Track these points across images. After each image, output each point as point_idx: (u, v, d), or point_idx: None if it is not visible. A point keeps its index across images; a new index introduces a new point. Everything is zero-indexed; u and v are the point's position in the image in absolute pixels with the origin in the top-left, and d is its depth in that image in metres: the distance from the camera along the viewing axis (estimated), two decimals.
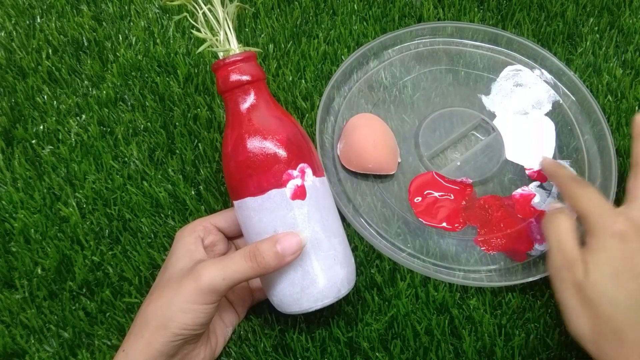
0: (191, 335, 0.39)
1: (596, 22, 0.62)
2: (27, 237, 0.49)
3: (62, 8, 0.63)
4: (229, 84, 0.42)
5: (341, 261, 0.42)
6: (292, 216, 0.40)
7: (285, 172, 0.41)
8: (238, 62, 0.42)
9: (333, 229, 0.42)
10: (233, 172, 0.42)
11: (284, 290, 0.41)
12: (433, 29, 0.60)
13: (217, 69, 0.42)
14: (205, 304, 0.39)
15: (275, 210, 0.40)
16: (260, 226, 0.41)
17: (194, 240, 0.43)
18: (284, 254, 0.39)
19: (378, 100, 0.57)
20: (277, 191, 0.40)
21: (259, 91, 0.42)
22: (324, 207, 0.42)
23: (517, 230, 0.50)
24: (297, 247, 0.39)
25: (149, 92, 0.57)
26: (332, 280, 0.41)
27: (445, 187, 0.52)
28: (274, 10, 0.63)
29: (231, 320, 0.45)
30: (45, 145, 0.54)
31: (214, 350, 0.44)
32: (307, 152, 0.42)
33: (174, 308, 0.39)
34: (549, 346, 0.45)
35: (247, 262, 0.39)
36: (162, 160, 0.54)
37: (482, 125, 0.57)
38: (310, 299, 0.41)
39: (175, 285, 0.40)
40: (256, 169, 0.41)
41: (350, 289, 0.42)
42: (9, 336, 0.45)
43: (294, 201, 0.41)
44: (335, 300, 0.41)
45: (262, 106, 0.42)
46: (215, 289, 0.38)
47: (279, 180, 0.41)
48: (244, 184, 0.41)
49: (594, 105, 0.55)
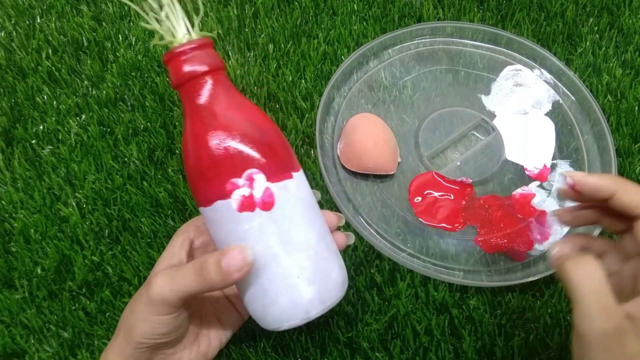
0: (157, 344, 0.38)
1: (596, 22, 0.62)
2: (27, 237, 0.49)
3: (62, 8, 0.63)
4: (178, 78, 0.37)
5: (309, 278, 0.36)
6: (242, 230, 0.35)
7: (229, 182, 0.35)
8: (183, 53, 0.36)
9: (297, 242, 0.36)
10: (187, 178, 0.38)
11: (249, 306, 0.37)
12: (433, 29, 0.60)
13: (166, 62, 0.37)
14: (160, 314, 0.36)
15: (223, 223, 0.36)
16: (216, 238, 0.37)
17: (181, 243, 0.41)
18: (228, 270, 0.34)
19: (378, 100, 0.57)
20: (222, 202, 0.35)
21: (210, 85, 0.37)
22: (286, 218, 0.36)
23: (517, 230, 0.50)
24: (242, 263, 0.34)
25: (149, 92, 0.57)
26: (295, 301, 0.36)
27: (445, 187, 0.52)
28: (273, 10, 0.63)
29: (231, 322, 0.44)
30: (45, 145, 0.54)
31: (205, 354, 0.42)
32: (263, 155, 0.36)
33: (135, 317, 0.37)
34: (548, 346, 0.45)
35: (194, 276, 0.35)
36: (162, 160, 0.54)
37: (482, 125, 0.57)
38: (275, 319, 0.36)
39: (139, 293, 0.38)
40: (201, 178, 0.36)
41: (328, 308, 0.37)
42: (9, 336, 0.45)
43: (242, 213, 0.35)
44: (307, 321, 0.36)
45: (211, 103, 0.37)
46: (165, 301, 0.36)
47: (223, 190, 0.35)
48: (195, 193, 0.37)
49: (593, 105, 0.55)
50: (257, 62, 0.59)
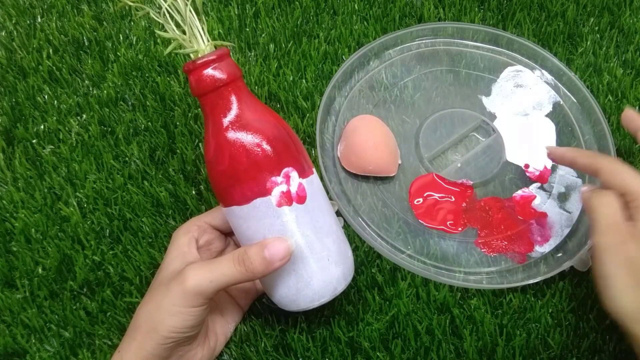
0: (182, 338, 0.39)
1: (597, 22, 0.62)
2: (28, 237, 0.49)
3: (62, 8, 0.62)
4: (203, 87, 0.39)
5: (336, 260, 0.41)
6: (280, 223, 0.39)
7: (269, 180, 0.39)
8: (210, 63, 0.39)
9: (325, 228, 0.41)
10: (216, 181, 0.40)
11: (281, 292, 0.41)
12: (434, 30, 0.60)
13: (188, 71, 0.39)
14: (193, 306, 0.38)
15: (262, 218, 0.39)
16: (249, 233, 0.40)
17: (188, 242, 0.43)
18: (272, 260, 0.38)
19: (379, 101, 0.57)
20: (261, 200, 0.39)
21: (235, 92, 0.39)
22: (314, 208, 0.40)
23: (517, 231, 0.50)
24: (285, 253, 0.38)
25: (150, 91, 0.57)
26: (326, 280, 0.40)
27: (446, 188, 0.52)
28: (274, 10, 0.63)
29: (233, 316, 0.45)
30: (46, 145, 0.54)
31: (214, 350, 0.43)
32: (292, 153, 0.40)
33: (162, 311, 0.38)
34: (549, 346, 0.45)
35: (236, 267, 0.38)
36: (163, 159, 0.54)
37: (482, 126, 0.57)
38: (307, 299, 0.40)
39: (164, 288, 0.39)
40: (238, 179, 0.39)
41: (348, 283, 0.42)
42: (10, 336, 0.45)
43: (281, 208, 0.39)
44: (334, 297, 0.41)
45: (240, 108, 0.39)
46: (202, 292, 0.38)
47: (263, 189, 0.39)
48: (228, 193, 0.40)
49: (594, 105, 0.55)
50: (258, 62, 0.59)
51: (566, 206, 0.52)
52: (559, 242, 0.50)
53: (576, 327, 0.46)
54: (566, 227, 0.51)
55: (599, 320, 0.46)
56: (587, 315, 0.46)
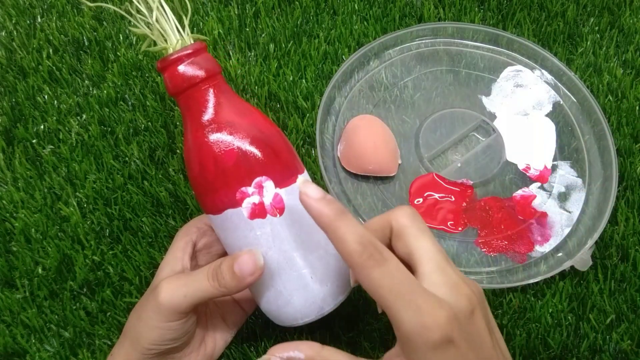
0: (166, 349, 0.38)
1: (597, 22, 0.62)
2: (28, 237, 0.49)
3: (62, 8, 0.62)
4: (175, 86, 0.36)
5: (321, 278, 0.37)
6: (253, 236, 0.36)
7: (239, 190, 0.36)
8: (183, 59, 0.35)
9: (308, 243, 0.37)
10: (191, 187, 0.38)
11: (264, 306, 0.39)
12: (434, 29, 0.60)
13: (161, 70, 0.36)
14: (169, 321, 0.37)
15: (235, 230, 0.36)
16: (227, 243, 0.38)
17: (184, 246, 0.41)
18: (242, 275, 0.35)
19: (379, 101, 0.57)
20: (232, 211, 0.36)
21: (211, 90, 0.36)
22: (295, 221, 0.37)
23: (517, 231, 0.50)
24: (253, 268, 0.35)
25: (150, 91, 0.57)
26: (309, 300, 0.37)
27: (446, 188, 0.52)
28: (274, 10, 0.63)
29: (235, 319, 0.44)
30: (46, 145, 0.54)
31: (210, 356, 0.42)
32: (268, 161, 0.36)
33: (142, 324, 0.37)
34: (549, 346, 0.45)
35: (209, 281, 0.36)
36: (163, 159, 0.54)
37: (482, 126, 0.57)
38: (289, 317, 0.38)
39: (144, 299, 0.38)
40: (208, 187, 0.36)
41: (339, 303, 0.38)
42: (10, 336, 0.45)
43: (254, 221, 0.36)
44: (320, 317, 0.38)
45: (214, 110, 0.36)
46: (175, 308, 0.36)
47: (233, 200, 0.36)
48: (202, 201, 0.37)
49: (594, 105, 0.55)
50: (258, 62, 0.59)
51: (566, 206, 0.52)
52: (559, 241, 0.50)
53: (576, 327, 0.46)
54: (566, 226, 0.51)
55: (599, 320, 0.46)
56: (587, 315, 0.46)
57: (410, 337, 0.30)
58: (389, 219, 0.34)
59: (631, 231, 0.50)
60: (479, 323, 0.31)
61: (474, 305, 0.31)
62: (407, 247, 0.33)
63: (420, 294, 0.30)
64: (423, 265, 0.32)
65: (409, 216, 0.33)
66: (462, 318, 0.30)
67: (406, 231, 0.33)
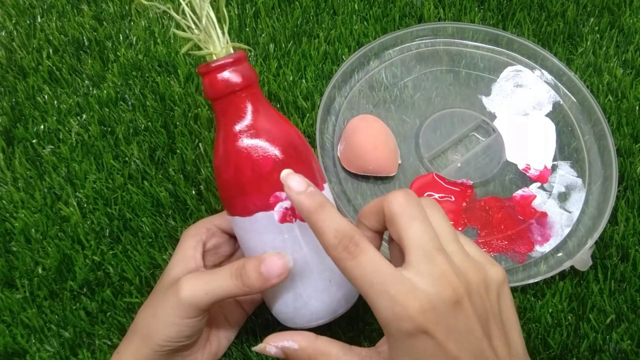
0: (178, 346, 0.38)
1: (597, 22, 0.62)
2: (28, 237, 0.49)
3: (62, 8, 0.62)
4: (215, 92, 0.37)
5: (338, 282, 0.39)
6: (281, 239, 0.38)
7: (273, 195, 0.37)
8: (225, 67, 0.37)
9: None
10: (221, 189, 0.39)
11: (278, 308, 0.40)
12: (434, 30, 0.60)
13: (202, 74, 0.38)
14: (188, 318, 0.37)
15: (263, 233, 0.38)
16: (250, 245, 0.39)
17: (194, 245, 0.42)
18: (268, 276, 0.36)
19: (379, 101, 0.57)
20: (264, 214, 0.37)
21: (249, 99, 0.38)
22: None
23: (517, 231, 0.50)
24: (282, 270, 0.36)
25: (150, 91, 0.57)
26: (326, 302, 0.39)
27: (446, 188, 0.52)
28: (274, 10, 0.63)
29: (237, 319, 0.45)
30: (46, 145, 0.54)
31: (215, 354, 0.43)
32: (300, 168, 0.38)
33: (157, 320, 0.38)
34: (549, 346, 0.45)
35: (232, 280, 0.37)
36: (163, 159, 0.54)
37: (482, 126, 0.57)
38: (304, 319, 0.39)
39: (161, 295, 0.39)
40: (242, 190, 0.37)
41: (350, 306, 0.40)
42: (10, 336, 0.45)
43: (283, 224, 0.37)
44: (333, 319, 0.39)
45: (252, 117, 0.37)
46: (196, 304, 0.37)
47: (266, 203, 0.37)
48: (231, 203, 0.39)
49: (594, 105, 0.55)
50: (258, 62, 0.59)
51: (566, 206, 0.52)
52: (559, 241, 0.50)
53: (576, 327, 0.46)
54: (566, 226, 0.51)
55: (599, 320, 0.46)
56: (587, 315, 0.46)
57: (385, 326, 0.31)
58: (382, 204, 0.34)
59: (631, 231, 0.49)
60: (466, 313, 0.31)
61: (460, 295, 0.31)
62: (398, 234, 0.33)
63: (393, 284, 0.30)
64: (410, 253, 0.32)
65: (401, 202, 0.33)
66: (443, 308, 0.30)
67: (396, 218, 0.33)
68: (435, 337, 0.30)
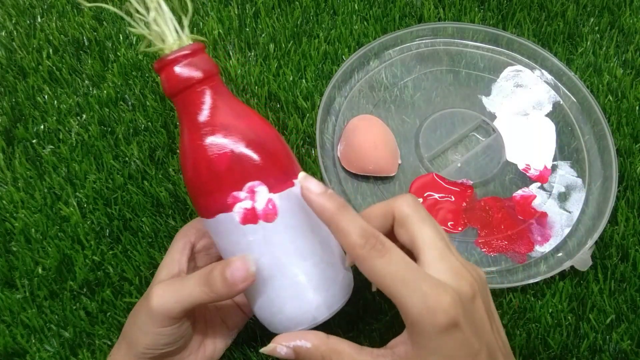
0: (162, 353, 0.38)
1: (597, 22, 0.62)
2: (28, 237, 0.49)
3: (62, 8, 0.62)
4: (171, 87, 0.35)
5: (316, 285, 0.36)
6: (246, 242, 0.35)
7: (230, 195, 0.35)
8: (178, 61, 0.35)
9: (302, 250, 0.36)
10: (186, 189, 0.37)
11: (257, 312, 0.38)
12: (434, 30, 0.60)
13: (157, 70, 0.36)
14: (162, 327, 0.36)
15: (227, 235, 0.36)
16: (220, 248, 0.37)
17: (182, 247, 0.41)
18: (233, 281, 0.34)
19: (379, 101, 0.57)
20: (225, 215, 0.35)
21: (208, 92, 0.35)
22: (289, 227, 0.36)
23: (517, 231, 0.50)
24: (245, 274, 0.34)
25: (150, 91, 0.57)
26: (302, 308, 0.36)
27: (446, 188, 0.52)
28: (274, 10, 0.63)
29: (236, 322, 0.44)
30: (45, 145, 0.54)
31: (210, 357, 0.42)
32: (263, 165, 0.35)
33: (136, 328, 0.37)
34: (549, 346, 0.45)
35: (200, 287, 0.35)
36: (163, 159, 0.54)
37: (482, 126, 0.57)
38: (282, 325, 0.37)
39: (140, 303, 0.38)
40: (201, 190, 0.35)
41: (334, 312, 0.37)
42: (10, 336, 0.45)
43: (246, 226, 0.35)
44: (314, 326, 0.36)
45: (209, 113, 0.35)
46: (167, 314, 0.36)
47: (225, 204, 0.35)
48: (195, 204, 0.37)
49: (594, 105, 0.55)
50: (258, 62, 0.59)
51: (566, 206, 0.52)
52: (559, 241, 0.50)
53: (576, 327, 0.46)
54: (566, 226, 0.51)
55: (599, 320, 0.46)
56: (587, 315, 0.46)
57: (417, 322, 0.30)
58: (392, 207, 0.34)
59: (631, 231, 0.50)
60: (480, 308, 0.32)
61: (475, 290, 0.32)
62: (410, 235, 0.33)
63: (424, 279, 0.31)
64: (425, 252, 0.32)
65: (411, 205, 0.34)
66: (466, 303, 0.31)
67: (409, 220, 0.33)
68: (464, 331, 0.30)
